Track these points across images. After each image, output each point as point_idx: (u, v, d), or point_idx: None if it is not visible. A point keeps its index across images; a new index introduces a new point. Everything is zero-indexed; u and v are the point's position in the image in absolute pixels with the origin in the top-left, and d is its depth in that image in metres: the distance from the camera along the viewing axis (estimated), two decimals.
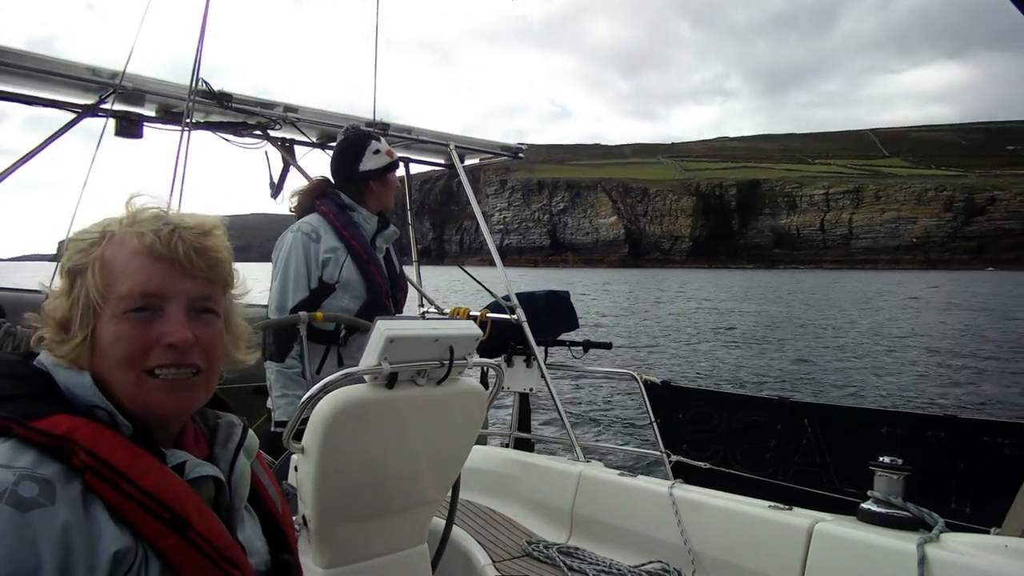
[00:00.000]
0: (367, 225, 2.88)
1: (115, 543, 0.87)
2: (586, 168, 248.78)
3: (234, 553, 0.99)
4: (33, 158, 3.05)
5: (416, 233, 5.21)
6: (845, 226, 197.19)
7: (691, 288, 67.54)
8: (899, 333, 28.95)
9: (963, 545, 2.14)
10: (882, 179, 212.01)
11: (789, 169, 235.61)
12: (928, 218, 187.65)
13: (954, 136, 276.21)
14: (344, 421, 1.80)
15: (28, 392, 0.93)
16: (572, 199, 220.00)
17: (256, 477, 1.14)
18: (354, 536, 1.96)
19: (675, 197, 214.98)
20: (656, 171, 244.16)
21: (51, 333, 0.98)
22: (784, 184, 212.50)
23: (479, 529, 3.02)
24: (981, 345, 24.59)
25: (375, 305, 2.78)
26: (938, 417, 4.58)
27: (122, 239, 0.99)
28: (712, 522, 2.67)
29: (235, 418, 1.14)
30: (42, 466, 0.86)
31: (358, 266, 2.78)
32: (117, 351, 0.96)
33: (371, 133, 3.03)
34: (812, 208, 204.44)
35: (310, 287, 2.72)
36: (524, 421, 4.52)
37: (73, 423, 0.90)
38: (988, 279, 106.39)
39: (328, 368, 2.73)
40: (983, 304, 46.99)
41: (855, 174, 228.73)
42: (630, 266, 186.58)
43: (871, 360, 20.82)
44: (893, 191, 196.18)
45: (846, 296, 58.66)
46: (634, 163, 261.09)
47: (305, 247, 2.73)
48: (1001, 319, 35.62)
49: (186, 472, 0.98)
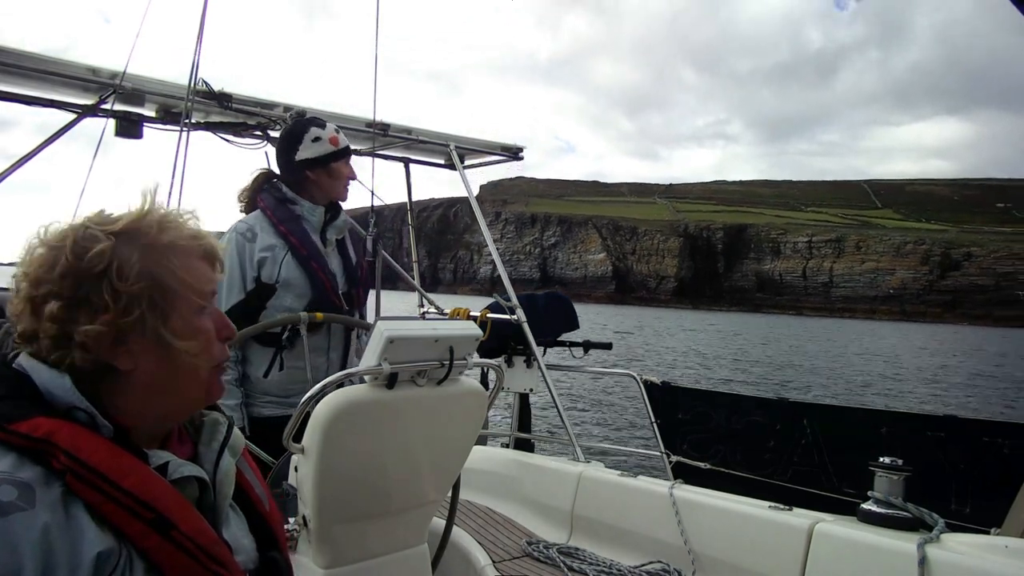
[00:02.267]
0: (311, 218, 2.70)
1: (98, 544, 0.86)
2: (581, 204, 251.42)
3: (220, 551, 0.98)
4: (32, 159, 3.06)
5: (414, 233, 5.21)
6: (826, 274, 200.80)
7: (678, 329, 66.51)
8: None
9: (963, 545, 2.14)
10: (865, 230, 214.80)
11: (778, 215, 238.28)
12: (905, 270, 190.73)
13: (948, 191, 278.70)
14: (344, 421, 1.80)
15: (6, 394, 0.92)
16: (564, 234, 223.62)
17: (241, 475, 1.14)
18: (354, 536, 1.96)
19: (663, 237, 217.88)
20: (650, 211, 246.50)
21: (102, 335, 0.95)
22: (770, 230, 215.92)
23: (479, 529, 3.02)
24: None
25: (321, 303, 2.61)
26: (938, 417, 4.58)
27: (172, 240, 1.00)
28: (712, 522, 2.67)
29: (220, 416, 1.14)
30: (21, 469, 0.86)
31: (299, 262, 2.62)
32: (199, 345, 1.01)
33: (315, 119, 2.81)
34: (796, 255, 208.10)
35: (245, 289, 2.58)
36: (524, 421, 4.52)
37: (53, 425, 0.89)
38: (955, 332, 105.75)
39: (273, 373, 2.60)
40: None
41: (842, 223, 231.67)
42: (616, 302, 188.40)
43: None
44: (873, 242, 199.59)
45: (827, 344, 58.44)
46: (629, 202, 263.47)
47: (239, 247, 2.59)
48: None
49: (169, 472, 0.98)
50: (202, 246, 1.04)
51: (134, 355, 0.97)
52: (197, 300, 1.02)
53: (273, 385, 2.63)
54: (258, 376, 2.62)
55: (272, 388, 2.63)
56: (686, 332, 57.34)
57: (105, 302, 0.94)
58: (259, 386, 2.63)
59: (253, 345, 2.61)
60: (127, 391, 0.98)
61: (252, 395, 2.63)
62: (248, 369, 2.63)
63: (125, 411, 0.98)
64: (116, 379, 0.98)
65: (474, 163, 4.72)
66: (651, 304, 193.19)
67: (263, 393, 2.63)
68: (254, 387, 2.64)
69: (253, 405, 2.63)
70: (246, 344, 2.58)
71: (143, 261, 0.97)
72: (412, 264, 4.97)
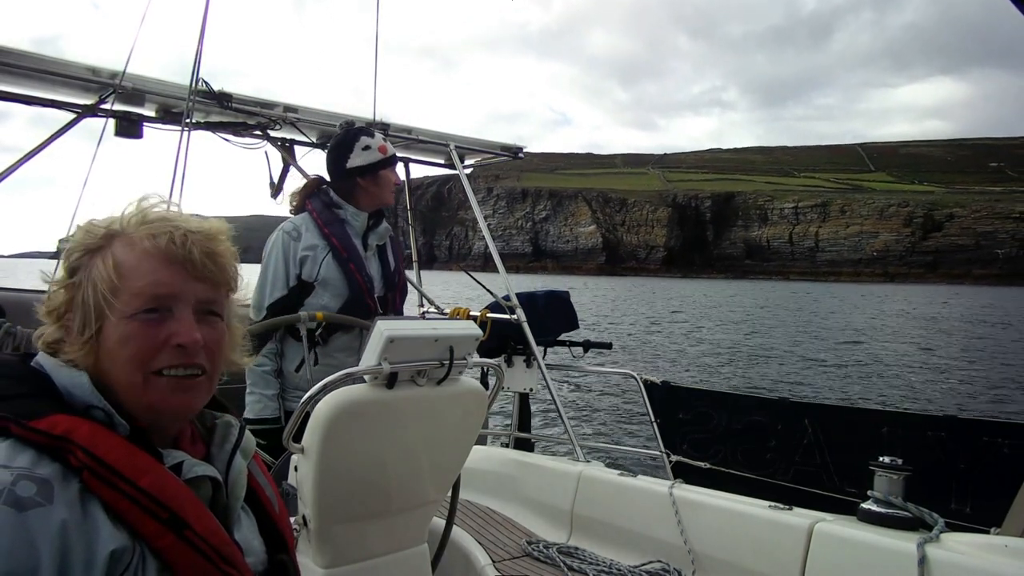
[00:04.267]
0: (355, 222, 2.84)
1: (112, 542, 0.87)
2: (572, 178, 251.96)
3: (231, 552, 0.99)
4: (34, 157, 3.06)
5: (414, 233, 5.20)
6: (812, 239, 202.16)
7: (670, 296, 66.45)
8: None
9: (963, 545, 2.13)
10: (851, 194, 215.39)
11: (768, 182, 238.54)
12: (888, 233, 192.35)
13: (941, 152, 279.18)
14: (344, 421, 1.80)
15: (26, 392, 0.93)
16: (554, 208, 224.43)
17: (253, 477, 1.14)
18: (354, 536, 1.96)
19: (652, 208, 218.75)
20: (641, 181, 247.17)
21: (54, 333, 0.99)
22: (757, 197, 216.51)
23: (479, 529, 3.01)
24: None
25: (356, 304, 2.76)
26: (938, 417, 4.58)
27: (132, 239, 0.99)
28: (712, 522, 2.67)
29: (232, 418, 1.14)
30: (40, 466, 0.87)
31: (338, 264, 2.76)
32: (126, 351, 0.97)
33: (364, 129, 2.99)
34: (783, 221, 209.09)
35: (288, 285, 2.72)
36: (524, 421, 4.52)
37: (71, 423, 0.90)
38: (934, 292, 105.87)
39: (305, 368, 2.72)
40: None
41: (832, 188, 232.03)
42: (606, 274, 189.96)
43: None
44: (858, 206, 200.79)
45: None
46: (623, 173, 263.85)
47: (285, 246, 2.74)
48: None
49: (183, 472, 0.99)
50: (157, 245, 0.99)
51: (83, 356, 0.98)
52: (132, 304, 0.97)
53: (305, 380, 2.73)
54: (290, 371, 2.77)
55: (303, 383, 2.73)
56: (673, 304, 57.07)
57: (76, 303, 0.98)
58: (291, 380, 2.78)
59: (289, 340, 2.75)
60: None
61: (285, 389, 2.78)
62: (283, 364, 2.78)
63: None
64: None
65: (474, 163, 4.72)
66: (641, 274, 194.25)
67: (294, 388, 2.77)
68: (287, 381, 2.78)
69: (285, 399, 2.77)
70: (284, 339, 2.75)
71: (99, 266, 0.98)
72: (413, 263, 4.97)
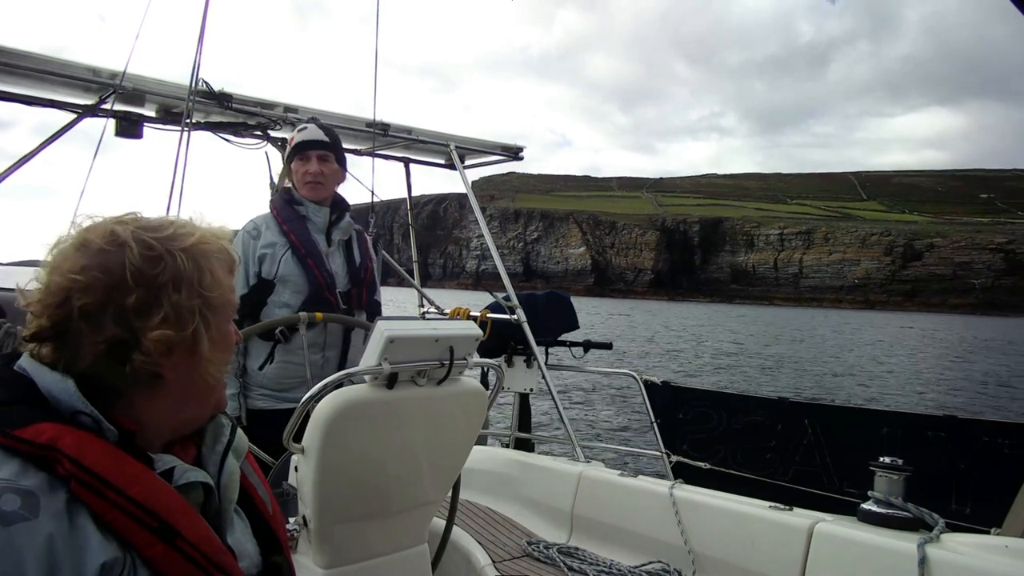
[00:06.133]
0: (316, 218, 2.82)
1: (102, 554, 0.85)
2: (566, 200, 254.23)
3: (224, 560, 0.97)
4: (32, 159, 3.05)
5: (414, 234, 5.21)
6: (796, 265, 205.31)
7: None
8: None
9: (963, 545, 2.13)
10: (836, 222, 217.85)
11: (758, 208, 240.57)
12: (869, 261, 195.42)
13: (933, 182, 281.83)
14: (344, 421, 1.80)
15: (8, 399, 0.89)
16: (546, 229, 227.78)
17: (245, 478, 1.13)
18: (354, 536, 1.96)
19: (640, 231, 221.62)
20: (633, 205, 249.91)
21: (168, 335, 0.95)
22: (745, 223, 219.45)
23: (479, 529, 3.01)
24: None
25: (316, 299, 2.73)
26: (938, 417, 4.58)
27: (211, 254, 1.01)
28: (712, 522, 2.67)
29: (224, 418, 1.12)
30: (25, 477, 0.83)
31: (297, 260, 2.75)
32: (226, 353, 1.04)
33: (305, 122, 2.97)
34: (768, 247, 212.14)
35: (248, 283, 2.71)
36: (524, 421, 4.52)
37: (56, 430, 0.86)
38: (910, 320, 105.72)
39: (267, 366, 2.73)
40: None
41: (819, 216, 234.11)
42: (595, 295, 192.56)
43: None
44: (841, 234, 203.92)
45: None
46: (616, 197, 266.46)
47: (245, 244, 2.74)
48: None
49: (175, 478, 0.96)
50: (232, 259, 1.05)
51: (176, 365, 0.96)
52: (232, 313, 1.05)
53: (267, 378, 2.73)
54: (255, 368, 2.73)
55: (267, 381, 2.73)
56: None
57: (166, 313, 0.93)
58: (255, 378, 2.74)
59: (254, 339, 2.71)
60: (157, 400, 0.97)
61: (248, 387, 2.75)
62: (247, 361, 2.75)
63: (146, 420, 0.96)
64: (151, 387, 0.96)
65: (474, 163, 4.71)
66: (628, 296, 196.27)
67: (258, 386, 2.74)
68: (251, 379, 2.75)
69: (249, 397, 2.74)
70: (248, 337, 2.67)
71: (199, 276, 0.97)
72: (413, 264, 4.97)
